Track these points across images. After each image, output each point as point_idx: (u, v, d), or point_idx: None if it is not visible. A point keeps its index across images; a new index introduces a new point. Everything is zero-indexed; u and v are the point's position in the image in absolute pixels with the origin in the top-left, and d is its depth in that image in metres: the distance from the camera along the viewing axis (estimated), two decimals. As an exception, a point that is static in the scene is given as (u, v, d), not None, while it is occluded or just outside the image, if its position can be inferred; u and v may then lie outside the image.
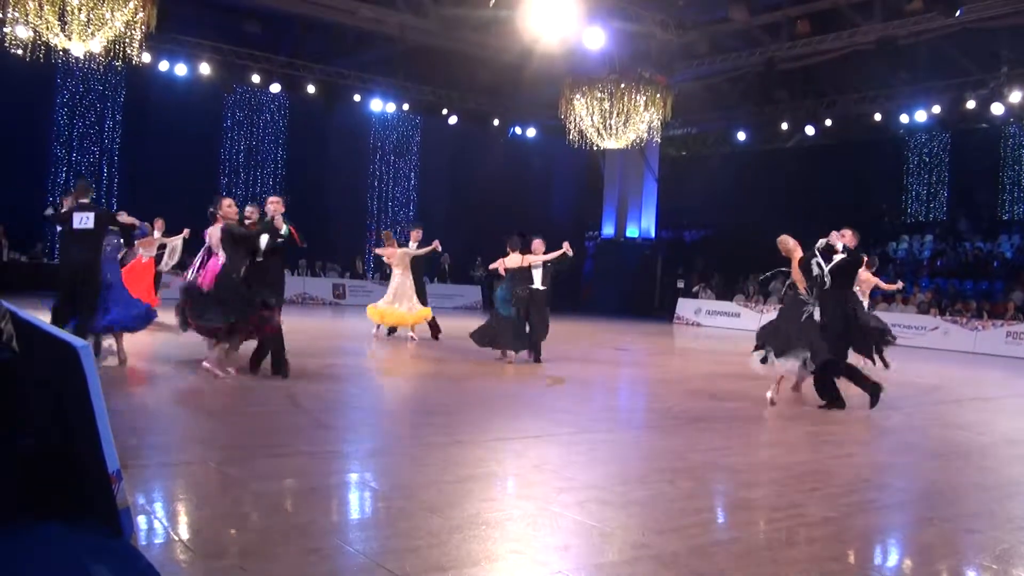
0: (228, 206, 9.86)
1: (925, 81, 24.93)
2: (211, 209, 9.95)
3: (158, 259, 15.74)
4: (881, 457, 7.40)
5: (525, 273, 12.86)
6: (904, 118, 26.28)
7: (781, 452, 7.35)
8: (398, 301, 15.75)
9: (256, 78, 25.52)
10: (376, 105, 28.62)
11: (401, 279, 15.85)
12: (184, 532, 4.26)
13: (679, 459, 6.97)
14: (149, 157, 25.50)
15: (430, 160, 32.11)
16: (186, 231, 15.85)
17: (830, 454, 7.23)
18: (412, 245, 16.48)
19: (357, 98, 27.95)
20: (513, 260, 13.00)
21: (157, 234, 15.61)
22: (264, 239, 9.83)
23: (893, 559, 4.74)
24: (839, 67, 24.45)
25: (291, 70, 26.01)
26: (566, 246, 12.89)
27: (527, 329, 12.82)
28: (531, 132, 31.85)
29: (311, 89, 26.40)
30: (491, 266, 13.91)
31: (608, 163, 30.50)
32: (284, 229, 9.96)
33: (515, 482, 5.77)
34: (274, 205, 10.12)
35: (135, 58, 17.59)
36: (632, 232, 30.12)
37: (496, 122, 30.56)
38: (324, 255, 28.46)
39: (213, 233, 9.92)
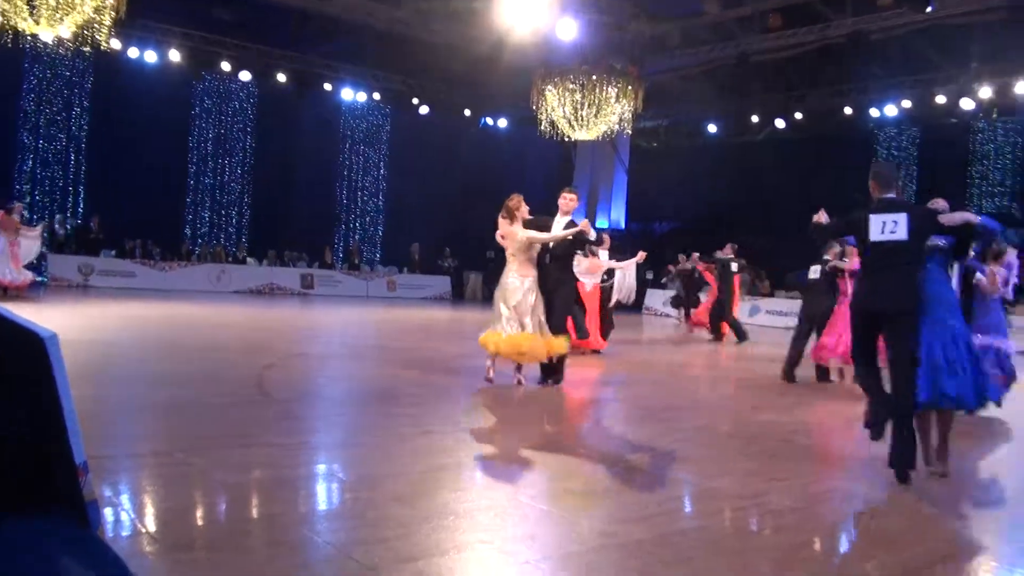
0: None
1: (896, 76, 25.12)
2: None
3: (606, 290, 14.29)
4: (846, 446, 7.48)
5: None
6: (874, 112, 26.49)
7: (746, 442, 7.41)
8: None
9: (226, 65, 25.37)
10: (346, 94, 28.51)
11: None
12: (151, 524, 4.24)
13: (645, 448, 7.01)
14: (117, 145, 25.30)
15: (400, 150, 32.00)
16: (642, 254, 14.57)
17: (796, 444, 7.31)
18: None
19: (327, 87, 27.84)
20: None
21: (604, 254, 13.95)
22: None
23: (859, 547, 4.79)
24: (810, 61, 24.58)
25: (260, 57, 25.85)
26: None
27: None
28: (502, 123, 31.84)
29: (281, 77, 26.26)
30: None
31: (579, 154, 30.55)
32: None
33: (483, 473, 5.78)
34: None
35: (104, 44, 17.40)
36: (602, 223, 30.15)
37: (467, 112, 30.52)
38: (292, 245, 28.36)
39: None
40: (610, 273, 14.47)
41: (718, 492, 5.68)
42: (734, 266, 17.74)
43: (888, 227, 6.10)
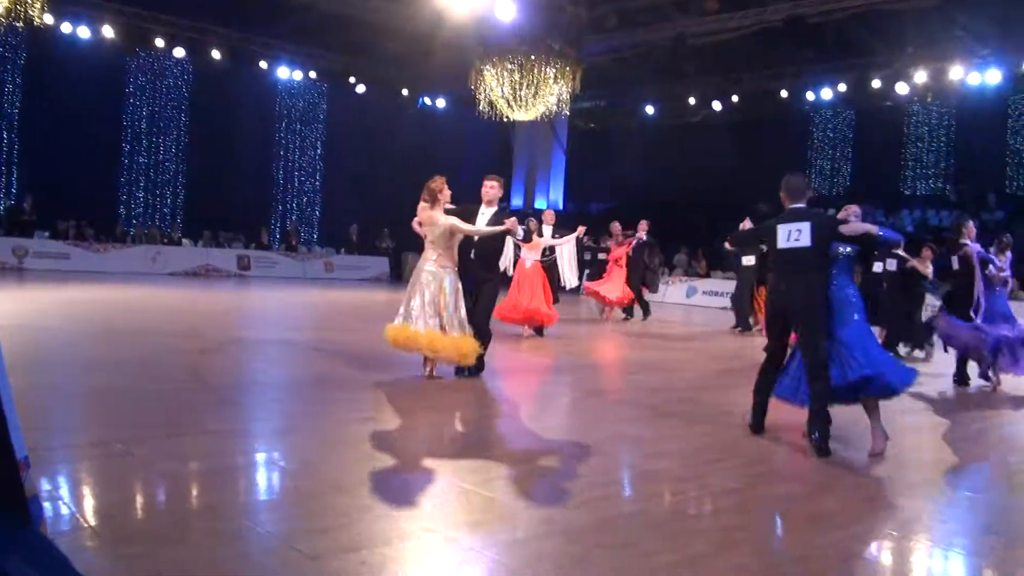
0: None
1: (832, 60, 25.43)
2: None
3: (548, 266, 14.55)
4: (785, 427, 7.58)
5: None
6: (810, 95, 26.86)
7: (684, 424, 7.50)
8: None
9: (160, 42, 24.92)
10: (283, 72, 28.19)
11: None
12: (92, 518, 4.19)
13: (585, 433, 7.06)
14: (50, 123, 24.71)
15: (337, 129, 31.69)
16: (581, 229, 15.07)
17: (732, 425, 7.40)
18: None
19: (263, 64, 27.49)
20: None
21: (548, 229, 14.49)
22: None
23: (797, 527, 4.88)
24: (747, 44, 24.77)
25: (195, 34, 25.43)
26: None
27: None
28: (441, 103, 31.71)
29: (216, 54, 25.86)
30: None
31: (518, 135, 30.57)
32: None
33: (424, 460, 5.78)
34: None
35: (37, 19, 16.97)
36: (540, 204, 30.26)
37: (405, 92, 30.35)
38: (228, 225, 28.00)
39: None
40: (551, 249, 14.58)
41: (659, 474, 5.76)
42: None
43: (793, 235, 6.72)
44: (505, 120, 23.87)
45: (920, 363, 13.95)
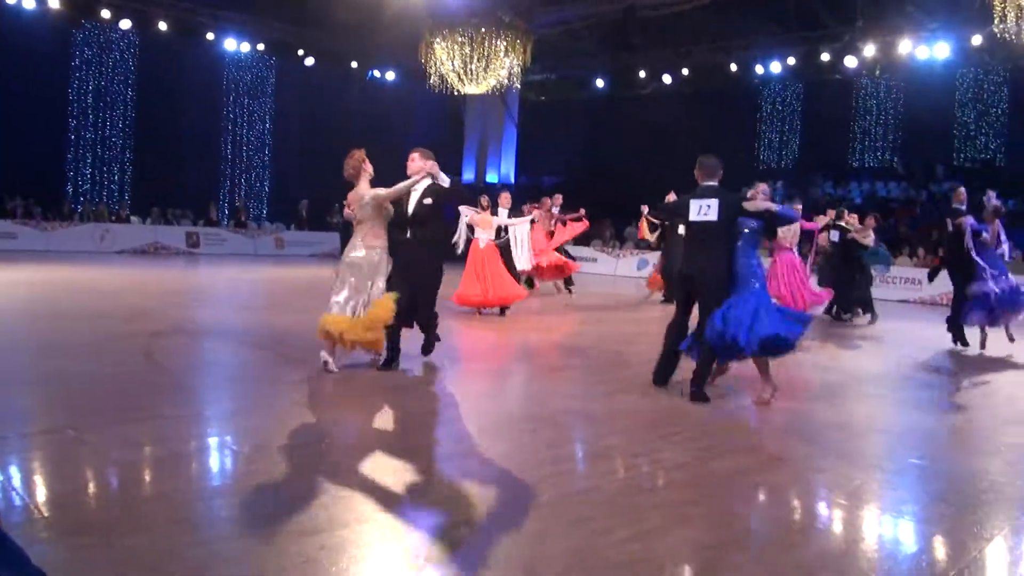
0: None
1: (782, 33, 25.53)
2: None
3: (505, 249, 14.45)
4: (733, 401, 7.68)
5: None
6: (760, 69, 26.98)
7: (638, 398, 7.56)
8: None
9: (106, 13, 24.41)
10: (230, 44, 27.71)
11: None
12: (45, 508, 4.16)
13: (539, 408, 7.12)
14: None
15: (285, 103, 31.35)
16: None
17: (684, 399, 7.47)
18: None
19: (210, 36, 27.04)
20: None
21: (503, 212, 14.37)
22: None
23: (747, 500, 4.96)
24: (697, 17, 24.77)
25: (141, 5, 24.94)
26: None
27: None
28: (390, 76, 31.44)
29: (163, 26, 25.40)
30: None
31: (468, 108, 30.44)
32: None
33: (379, 441, 5.80)
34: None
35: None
36: (492, 177, 30.21)
37: (354, 65, 30.05)
38: (177, 202, 27.66)
39: None
40: (505, 230, 14.53)
41: (612, 450, 5.81)
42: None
43: (703, 210, 7.56)
44: (456, 93, 23.78)
45: (866, 327, 14.29)
